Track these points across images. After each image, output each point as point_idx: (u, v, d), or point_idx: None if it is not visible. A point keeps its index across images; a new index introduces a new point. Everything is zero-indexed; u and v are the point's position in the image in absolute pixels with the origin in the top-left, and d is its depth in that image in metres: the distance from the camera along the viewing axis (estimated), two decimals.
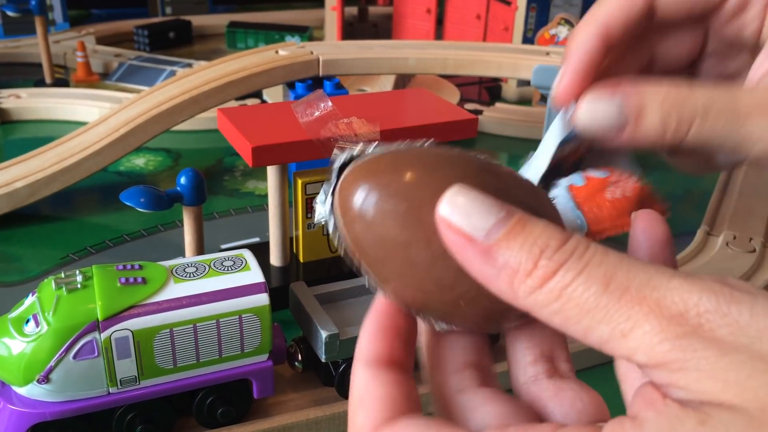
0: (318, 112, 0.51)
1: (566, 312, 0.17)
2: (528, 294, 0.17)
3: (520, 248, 0.17)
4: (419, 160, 0.20)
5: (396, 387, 0.20)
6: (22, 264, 0.62)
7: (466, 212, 0.18)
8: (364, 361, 0.21)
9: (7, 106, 0.92)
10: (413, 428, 0.19)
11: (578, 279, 0.17)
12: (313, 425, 0.43)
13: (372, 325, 0.21)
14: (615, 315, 0.17)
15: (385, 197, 0.20)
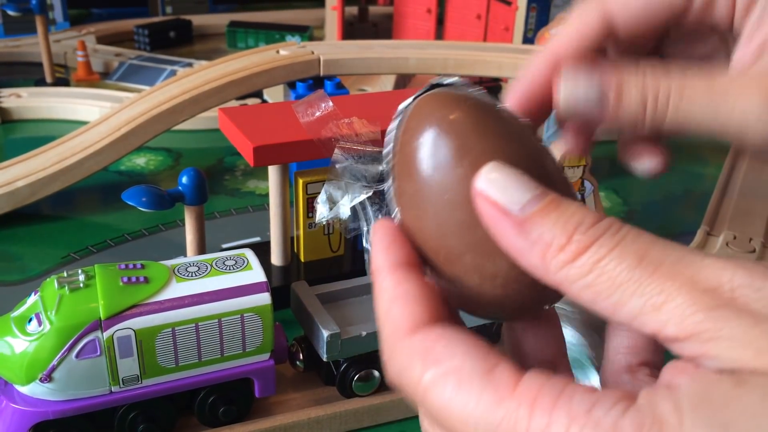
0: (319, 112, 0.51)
1: (597, 286, 0.17)
2: (559, 268, 0.18)
3: (554, 223, 0.18)
4: (495, 120, 0.21)
5: (431, 289, 0.21)
6: (23, 263, 0.62)
7: (503, 186, 0.19)
8: (390, 266, 0.21)
9: (7, 105, 0.92)
10: (461, 338, 0.19)
11: (612, 253, 0.17)
12: (314, 424, 0.43)
13: (385, 236, 0.22)
14: (647, 289, 0.17)
15: (447, 146, 0.21)
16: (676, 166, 0.90)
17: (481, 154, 0.20)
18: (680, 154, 0.95)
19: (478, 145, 0.20)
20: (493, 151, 0.20)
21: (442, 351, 0.18)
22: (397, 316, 0.20)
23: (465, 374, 0.18)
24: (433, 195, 0.21)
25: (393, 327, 0.20)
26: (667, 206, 0.78)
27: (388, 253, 0.21)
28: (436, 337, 0.19)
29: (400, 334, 0.19)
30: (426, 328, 0.19)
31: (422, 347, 0.19)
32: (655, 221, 0.74)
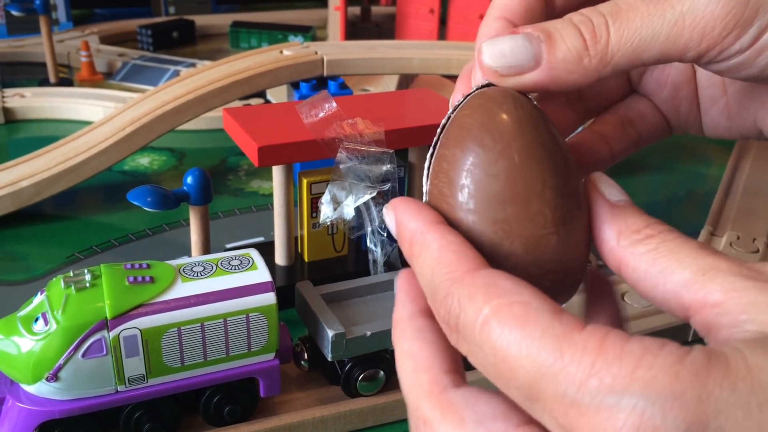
0: (323, 113, 0.51)
1: (658, 257, 0.20)
2: (629, 244, 0.21)
3: (639, 215, 0.22)
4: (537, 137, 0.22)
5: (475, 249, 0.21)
6: (28, 263, 0.62)
7: (608, 184, 0.23)
8: (429, 224, 0.22)
9: (11, 105, 0.93)
10: (516, 281, 0.19)
11: (678, 239, 0.20)
12: (319, 424, 0.43)
13: (410, 204, 0.23)
14: (702, 262, 0.19)
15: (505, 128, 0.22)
16: (679, 166, 0.90)
17: (533, 140, 0.22)
18: (683, 154, 0.95)
19: (532, 133, 0.22)
20: (541, 141, 0.22)
21: (509, 287, 0.18)
22: (452, 259, 0.20)
23: (532, 309, 0.18)
24: (479, 164, 0.22)
25: (451, 266, 0.20)
26: (670, 206, 0.78)
27: (420, 215, 0.22)
28: (502, 275, 0.19)
29: (460, 271, 0.19)
30: (487, 269, 0.19)
31: (487, 281, 0.19)
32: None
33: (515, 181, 0.22)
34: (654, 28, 0.21)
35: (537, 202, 0.21)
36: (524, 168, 0.22)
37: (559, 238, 0.22)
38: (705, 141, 1.01)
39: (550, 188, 0.22)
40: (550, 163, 0.22)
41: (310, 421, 0.43)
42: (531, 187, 0.21)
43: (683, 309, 0.19)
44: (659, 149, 0.96)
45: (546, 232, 0.22)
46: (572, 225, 0.22)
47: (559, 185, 0.22)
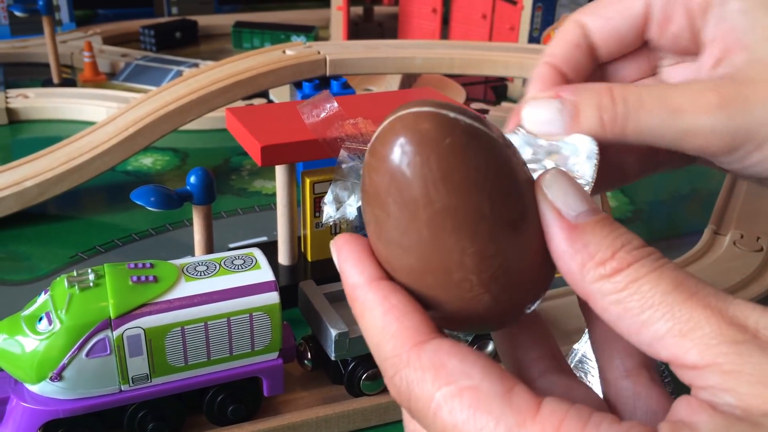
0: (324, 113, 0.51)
1: (628, 303, 0.18)
2: (594, 280, 0.18)
3: (603, 238, 0.19)
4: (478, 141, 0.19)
5: (418, 304, 0.20)
6: (31, 263, 0.62)
7: (564, 191, 0.19)
8: (370, 280, 0.20)
9: (15, 105, 0.93)
10: (474, 354, 0.18)
11: (650, 275, 0.18)
12: (322, 423, 0.43)
13: (353, 251, 0.21)
14: (678, 313, 0.17)
15: (427, 158, 0.19)
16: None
17: (442, 209, 0.19)
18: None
19: (440, 199, 0.19)
20: (454, 207, 0.19)
21: (457, 367, 0.18)
22: (396, 330, 0.19)
23: (482, 394, 0.17)
24: (390, 233, 0.20)
25: (395, 341, 0.19)
26: (673, 205, 0.78)
27: (362, 267, 0.20)
28: (448, 351, 0.18)
29: (406, 348, 0.18)
30: (434, 340, 0.18)
31: (433, 362, 0.18)
32: (662, 220, 0.74)
33: (429, 254, 0.19)
34: (666, 130, 0.23)
35: (458, 271, 0.19)
36: (437, 241, 0.19)
37: (492, 295, 0.20)
38: None
39: (470, 255, 0.19)
40: (468, 228, 0.19)
41: (313, 421, 0.43)
42: (448, 258, 0.19)
43: (659, 358, 0.18)
44: None
45: (475, 294, 0.19)
46: (510, 273, 0.20)
47: (483, 246, 0.19)
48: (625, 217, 0.73)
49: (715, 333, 0.17)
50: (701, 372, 0.17)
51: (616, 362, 0.22)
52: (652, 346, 0.18)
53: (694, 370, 0.17)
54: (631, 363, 0.22)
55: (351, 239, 0.21)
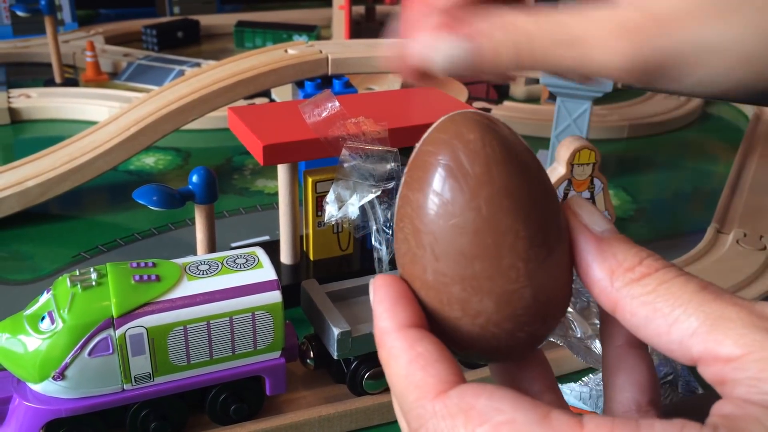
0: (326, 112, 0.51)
1: (657, 303, 0.18)
2: (624, 285, 0.19)
3: (629, 248, 0.20)
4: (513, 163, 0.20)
5: (447, 351, 0.19)
6: (34, 262, 0.63)
7: (590, 212, 0.21)
8: (399, 327, 0.20)
9: (17, 105, 0.93)
10: (501, 390, 0.18)
11: (678, 278, 0.19)
12: (325, 422, 0.43)
13: (387, 295, 0.21)
14: (708, 309, 0.18)
15: (466, 172, 0.20)
16: (685, 164, 0.90)
17: (503, 188, 0.20)
18: (690, 151, 0.95)
19: (501, 178, 0.20)
20: (512, 188, 0.20)
21: (486, 405, 0.17)
22: (421, 378, 0.18)
23: (520, 425, 0.17)
24: (442, 215, 0.20)
25: (419, 391, 0.18)
26: (676, 204, 0.78)
27: (394, 313, 0.20)
28: (474, 392, 0.18)
29: (429, 397, 0.18)
30: (456, 388, 0.18)
31: (461, 406, 0.17)
32: (665, 219, 0.73)
33: (483, 235, 0.19)
34: (569, 62, 0.22)
35: (508, 256, 0.19)
36: (493, 220, 0.19)
37: (533, 291, 0.20)
38: (711, 139, 1.01)
39: (522, 239, 0.19)
40: (523, 211, 0.19)
41: (316, 420, 0.43)
42: (501, 240, 0.19)
43: (690, 359, 0.18)
44: (665, 147, 0.95)
45: (519, 286, 0.20)
46: (548, 271, 0.20)
47: (534, 233, 0.20)
48: (627, 215, 0.73)
49: (747, 324, 0.17)
50: (738, 363, 0.17)
51: (627, 395, 0.22)
52: (682, 343, 0.18)
53: (729, 363, 0.17)
54: (642, 398, 0.22)
55: (389, 282, 0.21)
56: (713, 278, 0.60)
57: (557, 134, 0.76)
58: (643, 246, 0.20)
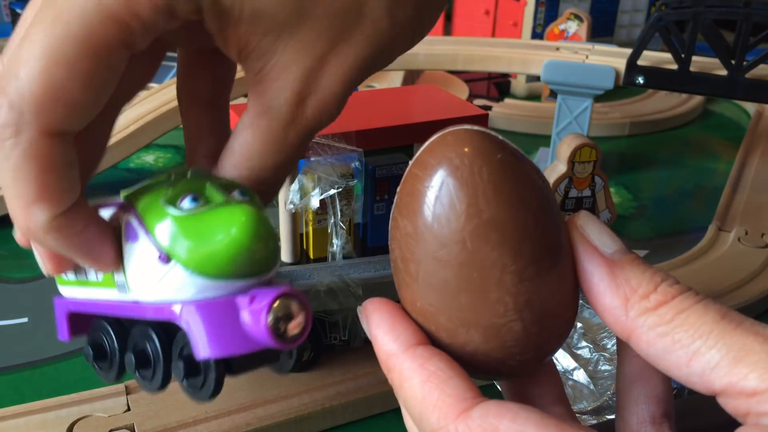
0: None
1: (676, 335, 0.18)
2: (639, 314, 0.18)
3: (643, 272, 0.19)
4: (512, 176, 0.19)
5: (458, 367, 0.19)
6: (33, 260, 0.62)
7: (598, 230, 0.20)
8: (405, 347, 0.19)
9: None
10: (523, 409, 0.17)
11: (696, 306, 0.18)
12: (328, 414, 0.43)
13: (383, 318, 0.20)
14: (729, 341, 0.17)
15: (454, 200, 0.19)
16: (686, 162, 0.89)
17: (489, 221, 0.19)
18: (691, 149, 0.95)
19: (488, 210, 0.19)
20: (501, 220, 0.19)
21: (511, 428, 0.17)
22: (438, 399, 0.18)
23: None
24: (427, 245, 0.19)
25: (439, 412, 0.18)
26: (677, 202, 0.78)
27: (395, 334, 0.20)
28: (497, 413, 0.17)
29: (451, 417, 0.18)
30: (479, 405, 0.18)
31: (484, 428, 0.17)
32: (666, 217, 0.73)
33: (469, 269, 0.19)
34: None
35: (495, 290, 0.19)
36: (479, 254, 0.19)
37: (524, 324, 0.19)
38: (712, 136, 1.00)
39: (510, 273, 0.19)
40: (512, 243, 0.19)
41: (320, 412, 0.43)
42: (488, 275, 0.19)
43: (711, 391, 0.17)
44: (667, 144, 0.95)
45: (507, 320, 0.19)
46: (542, 302, 0.19)
47: (524, 266, 0.19)
48: (628, 213, 0.72)
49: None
50: (763, 396, 0.16)
51: (642, 407, 0.21)
52: (704, 376, 0.17)
53: (753, 397, 0.16)
54: (657, 410, 0.21)
55: (380, 305, 0.21)
56: (714, 276, 0.60)
57: (558, 132, 0.76)
58: (645, 244, 0.20)
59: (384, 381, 0.44)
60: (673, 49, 0.67)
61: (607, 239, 0.20)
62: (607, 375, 0.45)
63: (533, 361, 0.21)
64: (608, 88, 0.72)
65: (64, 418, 0.41)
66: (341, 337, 0.46)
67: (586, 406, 0.43)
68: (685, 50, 0.66)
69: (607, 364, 0.46)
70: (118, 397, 0.43)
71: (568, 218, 0.20)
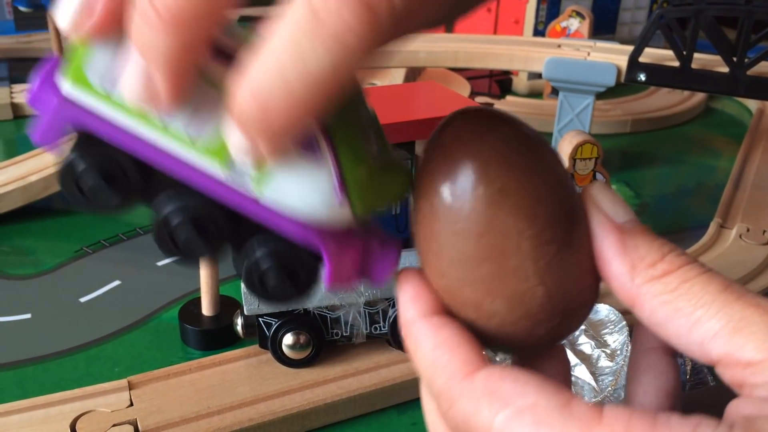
0: None
1: (678, 303, 0.18)
2: (644, 281, 0.19)
3: (652, 242, 0.19)
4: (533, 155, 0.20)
5: (470, 335, 0.20)
6: (36, 257, 0.63)
7: (611, 200, 0.20)
8: (422, 315, 0.20)
9: (19, 100, 0.93)
10: (525, 374, 0.18)
11: (700, 277, 0.18)
12: (330, 410, 0.43)
13: (409, 287, 0.21)
14: (730, 311, 0.17)
15: (469, 173, 0.19)
16: (688, 159, 0.90)
17: (502, 188, 0.19)
18: (693, 146, 0.95)
19: (500, 179, 0.19)
20: (512, 187, 0.19)
21: (511, 389, 0.17)
22: (447, 362, 0.19)
23: (541, 411, 0.17)
24: (444, 221, 0.20)
25: (447, 374, 0.19)
26: (679, 199, 0.78)
27: (416, 303, 0.20)
28: (500, 376, 0.18)
29: (457, 379, 0.18)
30: (483, 370, 0.18)
31: (487, 388, 0.18)
32: (668, 214, 0.73)
33: (487, 238, 0.19)
34: None
35: (515, 256, 0.19)
36: (495, 222, 0.19)
37: (547, 288, 0.20)
38: (714, 133, 1.00)
39: (528, 238, 0.19)
40: (526, 209, 0.19)
41: (322, 408, 0.43)
42: (506, 242, 0.19)
43: (709, 360, 0.18)
44: (668, 142, 0.95)
45: (530, 285, 0.19)
46: (563, 266, 0.20)
47: (540, 231, 0.19)
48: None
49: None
50: (757, 367, 0.17)
51: (652, 399, 0.22)
52: (703, 345, 0.17)
53: (749, 367, 0.17)
54: (666, 403, 0.21)
55: (410, 275, 0.21)
56: None
57: (560, 129, 0.76)
58: None
59: (385, 377, 0.45)
60: (674, 46, 0.67)
61: (619, 209, 0.20)
62: (609, 371, 0.45)
63: (560, 328, 0.21)
64: (610, 86, 0.72)
65: (67, 413, 0.41)
66: (343, 333, 0.46)
67: (588, 402, 0.43)
68: (687, 47, 0.66)
69: (608, 360, 0.46)
70: (121, 392, 0.43)
71: (583, 189, 0.21)
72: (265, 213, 0.21)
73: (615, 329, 0.48)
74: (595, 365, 0.46)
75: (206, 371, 0.45)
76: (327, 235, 0.21)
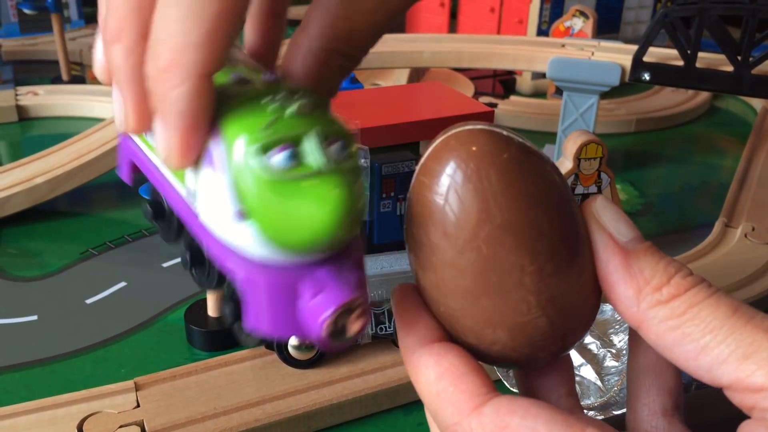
0: None
1: (686, 328, 0.18)
2: (651, 306, 0.18)
3: (657, 263, 0.19)
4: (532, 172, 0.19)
5: (474, 362, 0.19)
6: (42, 259, 0.63)
7: (614, 217, 0.19)
8: (422, 342, 0.19)
9: (24, 103, 0.93)
10: (534, 405, 0.18)
11: (708, 300, 0.18)
12: (336, 410, 0.43)
13: (405, 311, 0.20)
14: (739, 337, 0.17)
15: (466, 208, 0.19)
16: (693, 158, 0.89)
17: (503, 225, 0.18)
18: (697, 145, 0.95)
19: (500, 214, 0.18)
20: (514, 222, 0.18)
21: (521, 424, 0.17)
22: (453, 394, 0.18)
23: None
24: (442, 254, 0.19)
25: (453, 407, 0.18)
26: (684, 198, 0.78)
27: (416, 328, 0.20)
28: (509, 409, 0.18)
29: (465, 414, 0.18)
30: (491, 401, 0.18)
31: (496, 424, 0.18)
32: (673, 213, 0.73)
33: (487, 274, 0.19)
34: None
35: (517, 291, 0.19)
36: (496, 259, 0.18)
37: (548, 318, 0.19)
38: (718, 132, 1.00)
39: (530, 274, 0.19)
40: (528, 244, 0.18)
41: (327, 408, 0.43)
42: (507, 278, 0.19)
43: (719, 385, 0.18)
44: (673, 141, 0.95)
45: (532, 317, 0.19)
46: (565, 295, 0.19)
47: (542, 265, 0.19)
48: (635, 210, 0.72)
49: None
50: (767, 393, 0.16)
51: (655, 398, 0.21)
52: (712, 371, 0.17)
53: (760, 392, 0.17)
54: (669, 402, 0.21)
55: (405, 296, 0.21)
56: (721, 273, 0.59)
57: (564, 129, 0.76)
58: (651, 240, 0.20)
59: (391, 378, 0.45)
60: (678, 45, 0.67)
61: (622, 227, 0.19)
62: (614, 371, 0.45)
63: (561, 349, 0.21)
64: (614, 85, 0.72)
65: (74, 415, 0.41)
66: None
67: (593, 401, 0.43)
68: (691, 46, 0.66)
69: (614, 360, 0.46)
70: (128, 393, 0.43)
71: (583, 203, 0.20)
72: (202, 232, 0.20)
73: (620, 329, 0.48)
74: (601, 365, 0.46)
75: (212, 372, 0.45)
76: (248, 266, 0.19)
